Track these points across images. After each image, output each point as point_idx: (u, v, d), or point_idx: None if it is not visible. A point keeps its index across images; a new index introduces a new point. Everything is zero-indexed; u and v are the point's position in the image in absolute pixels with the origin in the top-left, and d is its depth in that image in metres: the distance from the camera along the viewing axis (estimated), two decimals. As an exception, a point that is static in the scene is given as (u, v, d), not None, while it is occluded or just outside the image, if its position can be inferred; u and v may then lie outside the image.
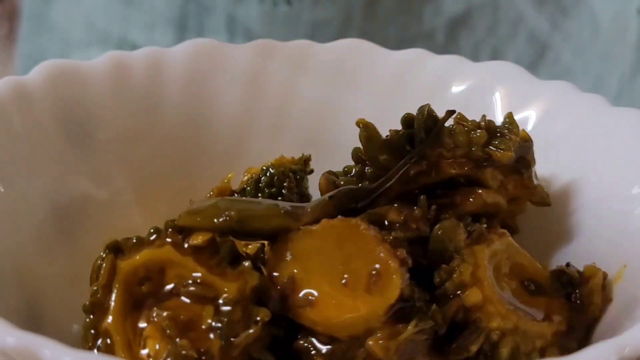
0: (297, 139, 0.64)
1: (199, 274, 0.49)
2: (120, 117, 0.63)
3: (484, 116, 0.56)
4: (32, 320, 0.54)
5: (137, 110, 0.63)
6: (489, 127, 0.55)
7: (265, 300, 0.49)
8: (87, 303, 0.51)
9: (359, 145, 0.58)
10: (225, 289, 0.48)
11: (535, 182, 0.58)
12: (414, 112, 0.56)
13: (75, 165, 0.61)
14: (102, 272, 0.50)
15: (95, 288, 0.50)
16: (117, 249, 0.51)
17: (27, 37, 1.02)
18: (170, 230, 0.50)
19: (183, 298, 0.49)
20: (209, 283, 0.49)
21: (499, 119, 0.58)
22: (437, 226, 0.52)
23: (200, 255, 0.50)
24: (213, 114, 0.64)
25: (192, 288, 0.49)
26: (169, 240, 0.50)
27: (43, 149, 0.60)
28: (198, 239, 0.49)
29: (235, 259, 0.50)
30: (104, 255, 0.51)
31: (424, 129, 0.54)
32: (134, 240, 0.51)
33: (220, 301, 0.48)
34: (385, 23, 0.93)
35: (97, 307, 0.50)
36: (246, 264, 0.49)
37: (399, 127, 0.57)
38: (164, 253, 0.50)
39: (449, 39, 0.94)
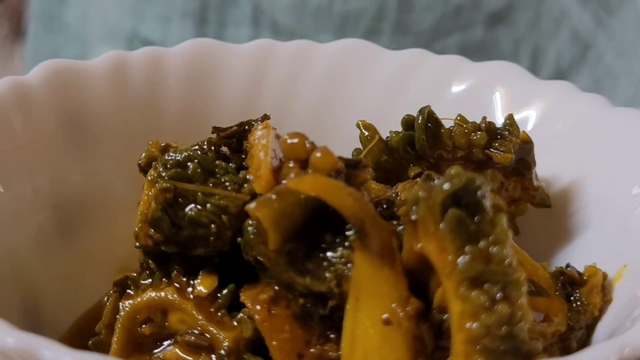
0: (297, 139, 0.64)
1: (197, 320, 0.50)
2: (120, 117, 0.63)
3: (484, 118, 0.56)
4: (32, 320, 0.54)
5: (137, 110, 0.63)
6: (489, 129, 0.55)
7: None
8: (91, 342, 0.51)
9: (359, 145, 0.58)
10: (221, 338, 0.49)
11: (536, 183, 0.58)
12: (414, 112, 0.56)
13: (75, 165, 0.61)
14: (105, 311, 0.50)
15: (99, 328, 0.50)
16: (124, 286, 0.52)
17: (38, 37, 1.00)
18: (175, 272, 0.51)
19: (178, 350, 0.49)
20: (206, 331, 0.49)
21: (499, 119, 0.58)
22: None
23: (201, 301, 0.50)
24: (213, 113, 0.64)
25: (188, 337, 0.49)
26: (176, 285, 0.51)
27: (43, 149, 0.60)
28: (204, 288, 0.50)
29: (235, 306, 0.50)
30: (110, 292, 0.51)
31: (424, 131, 0.54)
32: (141, 280, 0.51)
33: (214, 354, 0.49)
34: (420, 15, 0.88)
35: (100, 347, 0.51)
36: (242, 314, 0.49)
37: (399, 128, 0.57)
38: (166, 298, 0.50)
39: (488, 34, 0.89)
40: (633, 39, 0.89)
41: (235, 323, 0.49)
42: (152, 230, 0.50)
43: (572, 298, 0.53)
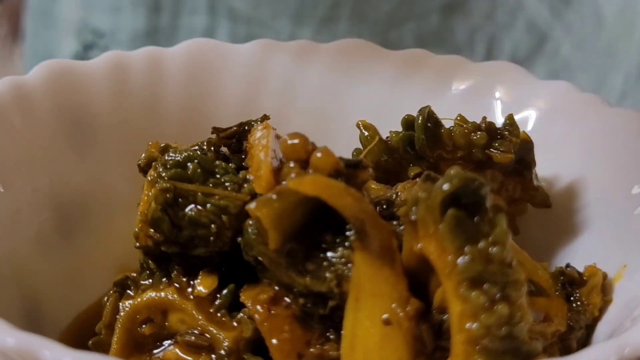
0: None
1: (198, 320, 0.50)
2: (120, 117, 0.63)
3: (484, 118, 0.56)
4: (32, 320, 0.54)
5: (136, 110, 0.63)
6: (489, 129, 0.55)
7: None
8: (91, 342, 0.51)
9: (359, 145, 0.58)
10: (221, 338, 0.49)
11: (536, 183, 0.58)
12: (414, 112, 0.56)
13: (75, 166, 0.61)
14: (105, 311, 0.50)
15: (99, 328, 0.50)
16: (124, 286, 0.52)
17: (34, 33, 0.99)
18: (175, 272, 0.51)
19: (178, 351, 0.49)
20: (206, 331, 0.49)
21: (498, 119, 0.58)
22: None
23: (201, 301, 0.50)
24: (212, 113, 0.64)
25: (188, 337, 0.49)
26: (176, 285, 0.51)
27: (43, 149, 0.60)
28: (204, 288, 0.50)
29: (235, 306, 0.50)
30: (110, 292, 0.51)
31: (423, 131, 0.54)
32: (141, 280, 0.51)
33: (215, 354, 0.49)
34: (376, 2, 0.86)
35: (100, 347, 0.51)
36: (242, 314, 0.49)
37: (399, 128, 0.57)
38: (166, 298, 0.50)
39: (443, 23, 0.88)
40: (590, 31, 0.88)
41: (235, 323, 0.49)
42: (152, 230, 0.50)
43: (572, 298, 0.53)
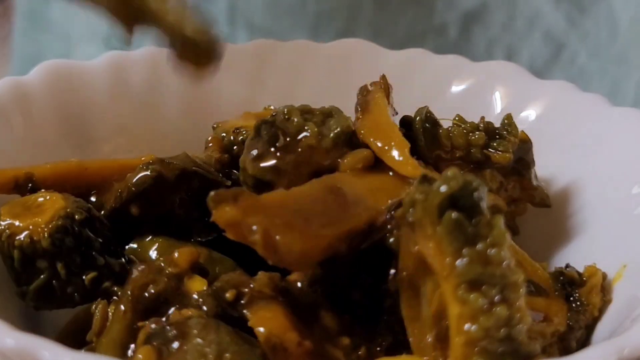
0: (296, 139, 0.64)
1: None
2: (119, 117, 0.63)
3: (482, 118, 0.56)
4: (31, 321, 0.54)
5: (136, 110, 0.63)
6: (488, 129, 0.55)
7: None
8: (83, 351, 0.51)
9: (359, 145, 0.58)
10: None
11: (535, 183, 0.58)
12: (414, 112, 0.56)
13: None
14: (95, 319, 0.50)
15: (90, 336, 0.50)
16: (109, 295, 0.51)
17: (24, 35, 1.00)
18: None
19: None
20: None
21: (499, 119, 0.58)
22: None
23: None
24: (213, 113, 0.64)
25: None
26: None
27: (43, 149, 0.60)
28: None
29: None
30: (99, 300, 0.50)
31: (422, 132, 0.54)
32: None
33: None
34: (395, 15, 0.87)
35: None
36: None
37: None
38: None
39: (462, 34, 0.88)
40: (606, 39, 0.88)
41: None
42: None
43: (571, 298, 0.53)
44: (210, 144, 0.58)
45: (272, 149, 0.52)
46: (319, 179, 0.50)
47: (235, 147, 0.57)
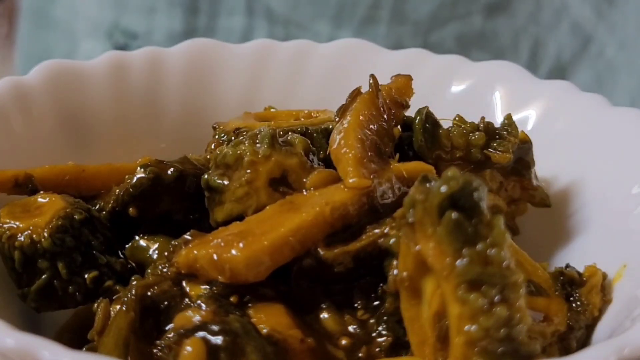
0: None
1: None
2: (119, 117, 0.63)
3: (482, 118, 0.56)
4: (31, 321, 0.54)
5: (136, 110, 0.63)
6: (488, 129, 0.55)
7: None
8: (84, 350, 0.51)
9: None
10: None
11: (535, 183, 0.58)
12: (413, 111, 0.56)
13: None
14: (97, 318, 0.50)
15: (91, 335, 0.50)
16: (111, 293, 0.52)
17: (29, 34, 0.99)
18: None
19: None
20: None
21: (499, 119, 0.58)
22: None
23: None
24: (212, 113, 0.64)
25: None
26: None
27: (43, 149, 0.60)
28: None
29: None
30: (101, 299, 0.51)
31: (422, 132, 0.54)
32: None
33: None
34: (417, 3, 0.85)
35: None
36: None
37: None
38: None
39: (487, 24, 0.85)
40: (634, 31, 0.87)
41: None
42: None
43: (571, 298, 0.53)
44: (213, 145, 0.58)
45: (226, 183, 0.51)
46: (277, 202, 0.50)
47: None
